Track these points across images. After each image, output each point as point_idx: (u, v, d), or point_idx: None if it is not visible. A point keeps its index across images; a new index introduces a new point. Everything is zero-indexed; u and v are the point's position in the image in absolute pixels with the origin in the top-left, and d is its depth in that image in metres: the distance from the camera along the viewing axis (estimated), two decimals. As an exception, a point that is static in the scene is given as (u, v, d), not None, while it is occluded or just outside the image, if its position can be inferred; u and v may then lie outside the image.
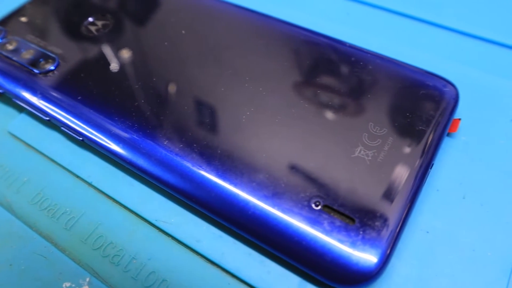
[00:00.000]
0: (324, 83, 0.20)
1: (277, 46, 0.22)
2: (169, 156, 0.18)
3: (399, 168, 0.17)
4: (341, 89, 0.20)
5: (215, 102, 0.20)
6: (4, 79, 0.22)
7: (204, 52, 0.22)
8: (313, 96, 0.19)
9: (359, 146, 0.18)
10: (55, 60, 0.22)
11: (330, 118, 0.19)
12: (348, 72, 0.20)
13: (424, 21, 0.24)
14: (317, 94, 0.19)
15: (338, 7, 0.26)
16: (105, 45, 0.23)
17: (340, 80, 0.20)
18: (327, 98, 0.19)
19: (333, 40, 0.21)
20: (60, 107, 0.20)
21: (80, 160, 0.20)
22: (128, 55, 0.22)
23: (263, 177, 0.17)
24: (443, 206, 0.18)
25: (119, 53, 0.22)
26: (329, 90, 0.20)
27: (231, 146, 0.18)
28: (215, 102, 0.20)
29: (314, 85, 0.20)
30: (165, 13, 0.24)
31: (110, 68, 0.21)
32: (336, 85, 0.20)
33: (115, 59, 0.22)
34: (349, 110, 0.19)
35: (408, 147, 0.17)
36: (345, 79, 0.20)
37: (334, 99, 0.19)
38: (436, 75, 0.20)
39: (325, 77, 0.20)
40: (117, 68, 0.21)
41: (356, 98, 0.19)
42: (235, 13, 0.23)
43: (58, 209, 0.19)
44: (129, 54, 0.22)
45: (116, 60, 0.22)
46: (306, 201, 0.16)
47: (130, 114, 0.19)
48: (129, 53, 0.22)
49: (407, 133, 0.18)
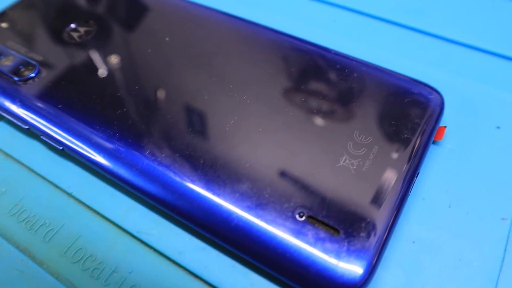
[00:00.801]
0: (309, 91, 0.20)
1: (262, 53, 0.21)
2: (151, 166, 0.18)
3: (385, 177, 0.17)
4: (326, 97, 0.19)
5: (198, 110, 0.19)
6: (-17, 87, 0.21)
7: (188, 60, 0.21)
8: (298, 104, 0.19)
9: (344, 155, 0.17)
10: (35, 67, 0.21)
11: (315, 127, 0.18)
12: (333, 80, 0.20)
13: (410, 28, 0.24)
14: (302, 102, 0.19)
15: (324, 14, 0.26)
16: (87, 52, 0.22)
17: (325, 88, 0.20)
18: (312, 106, 0.19)
19: (319, 47, 0.21)
20: (40, 115, 0.20)
21: (60, 170, 0.20)
22: (110, 63, 0.21)
23: (247, 187, 0.17)
24: (429, 215, 0.17)
25: (101, 61, 0.22)
26: (314, 98, 0.19)
27: (214, 156, 0.18)
28: (198, 110, 0.19)
29: (299, 93, 0.20)
30: (149, 20, 0.23)
31: (92, 76, 0.21)
32: (321, 93, 0.19)
33: (98, 67, 0.21)
34: (334, 118, 0.19)
35: (393, 155, 0.17)
36: (330, 87, 0.20)
37: (319, 107, 0.19)
38: (422, 83, 0.20)
39: (310, 85, 0.20)
40: (99, 76, 0.21)
41: (341, 106, 0.19)
42: (220, 20, 0.23)
43: (37, 220, 0.19)
44: (111, 61, 0.22)
45: (99, 68, 0.21)
46: (290, 212, 0.16)
47: (112, 123, 0.19)
48: (112, 60, 0.22)
49: (392, 142, 0.18)
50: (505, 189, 0.18)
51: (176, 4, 0.24)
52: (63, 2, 0.25)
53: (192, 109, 0.19)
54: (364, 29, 0.25)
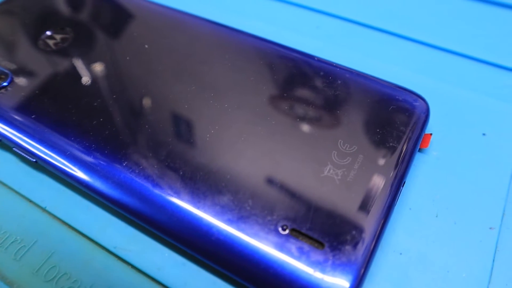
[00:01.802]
0: (292, 99, 0.19)
1: (244, 61, 0.21)
2: (129, 178, 0.17)
3: (370, 187, 0.16)
4: (309, 105, 0.19)
5: (177, 120, 0.19)
6: (-48, 97, 0.20)
7: (168, 68, 0.21)
8: (280, 112, 0.19)
9: (328, 165, 0.17)
10: (7, 76, 0.21)
11: (298, 136, 0.18)
12: (317, 87, 0.19)
13: (394, 34, 0.24)
14: (284, 111, 0.19)
15: (307, 20, 0.26)
16: (63, 60, 0.21)
17: (308, 96, 0.19)
18: (295, 115, 0.19)
19: (302, 54, 0.21)
20: (12, 126, 0.19)
21: (33, 183, 0.19)
22: (87, 72, 0.21)
23: (228, 200, 0.16)
24: (416, 226, 0.17)
25: (78, 69, 0.21)
26: (297, 106, 0.19)
27: (194, 167, 0.17)
28: (177, 120, 0.19)
29: (282, 101, 0.19)
30: (128, 26, 0.23)
31: (68, 85, 0.20)
32: (304, 101, 0.19)
33: (74, 76, 0.20)
34: (318, 127, 0.18)
35: (379, 164, 0.17)
36: (313, 95, 0.19)
37: (302, 115, 0.18)
38: (406, 89, 0.19)
39: (292, 92, 0.19)
40: (75, 85, 0.20)
41: (325, 114, 0.18)
42: (202, 27, 0.23)
43: (8, 237, 0.18)
44: (88, 70, 0.21)
45: (74, 77, 0.20)
46: (273, 225, 0.15)
47: (87, 134, 0.18)
48: (89, 69, 0.21)
49: (377, 150, 0.17)
50: (492, 197, 0.17)
51: (156, 10, 0.23)
52: (39, 9, 0.24)
53: (171, 118, 0.19)
54: (348, 36, 0.24)
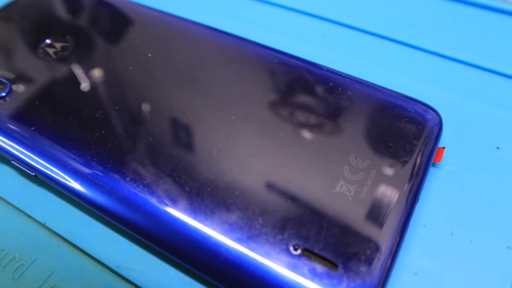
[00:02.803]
0: (301, 111, 0.19)
1: (250, 71, 0.20)
2: (133, 194, 0.16)
3: (384, 205, 0.16)
4: (318, 118, 0.18)
5: (183, 133, 0.18)
6: None
7: (172, 78, 0.20)
8: (289, 125, 0.18)
9: (340, 180, 0.16)
10: (6, 86, 0.20)
11: (308, 150, 0.17)
12: (326, 99, 0.19)
13: (404, 43, 0.23)
14: (293, 124, 0.18)
15: (313, 28, 0.25)
16: (63, 70, 0.21)
17: (318, 108, 0.19)
18: (304, 128, 0.18)
19: (310, 63, 0.20)
20: (11, 138, 0.18)
21: (33, 198, 0.18)
22: (88, 82, 0.20)
23: (236, 217, 0.15)
24: (431, 244, 0.16)
25: (78, 79, 0.20)
26: (306, 118, 0.18)
27: (200, 182, 0.16)
28: (183, 133, 0.18)
29: (290, 113, 0.18)
30: (130, 34, 0.22)
31: (69, 96, 0.19)
32: (313, 113, 0.18)
33: (74, 86, 0.20)
34: (328, 140, 0.17)
35: (392, 180, 0.16)
36: (323, 107, 0.19)
37: (312, 128, 0.18)
38: (418, 101, 0.19)
39: (301, 104, 0.19)
40: (76, 96, 0.19)
41: (336, 127, 0.18)
42: (206, 35, 0.22)
43: (5, 255, 0.17)
44: (89, 80, 0.20)
45: (75, 87, 0.20)
46: (284, 244, 0.15)
47: (89, 147, 0.18)
48: (90, 79, 0.20)
49: (390, 166, 0.17)
50: (509, 214, 0.17)
51: (160, 18, 0.23)
52: (38, 16, 0.24)
53: (176, 131, 0.18)
54: (355, 44, 0.24)
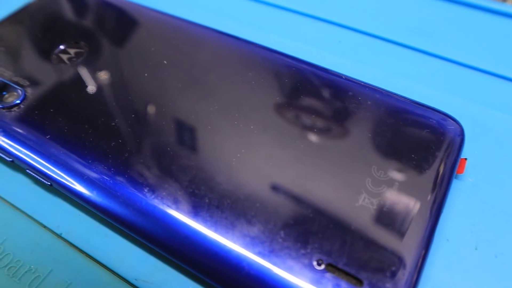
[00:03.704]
0: (321, 121, 0.18)
1: (269, 79, 0.20)
2: (150, 205, 0.16)
3: (409, 218, 0.15)
4: (339, 128, 0.18)
5: (201, 143, 0.18)
6: (-39, 114, 0.19)
7: (189, 86, 0.20)
8: (309, 136, 0.18)
9: (362, 193, 0.16)
10: (21, 93, 0.20)
11: (329, 162, 0.17)
12: (347, 109, 0.19)
13: (422, 51, 0.23)
14: (313, 134, 0.18)
15: (329, 34, 0.25)
16: (78, 76, 0.20)
17: (338, 118, 0.18)
18: (325, 139, 0.18)
19: (329, 72, 0.20)
20: (26, 146, 0.18)
21: (48, 207, 0.18)
22: (104, 88, 0.20)
23: (258, 230, 0.15)
24: (454, 259, 0.16)
25: (94, 86, 0.20)
26: (327, 129, 0.18)
27: (220, 194, 0.16)
28: (201, 143, 0.18)
29: (310, 123, 0.18)
30: (145, 41, 0.22)
31: (84, 103, 0.19)
32: (334, 124, 0.18)
33: (90, 93, 0.20)
34: (350, 152, 0.17)
35: (415, 193, 0.16)
36: (344, 117, 0.18)
37: (332, 139, 0.18)
38: (439, 111, 0.18)
39: (321, 114, 0.18)
40: (91, 103, 0.19)
41: (357, 138, 0.18)
42: (223, 42, 0.22)
43: (21, 266, 0.17)
44: (105, 87, 0.20)
45: (91, 94, 0.20)
46: (307, 259, 0.14)
47: (106, 156, 0.17)
48: (105, 86, 0.20)
49: (413, 178, 0.16)
50: (534, 228, 0.17)
51: (176, 24, 0.22)
52: (51, 21, 0.23)
53: (194, 141, 0.18)
54: (372, 51, 0.24)
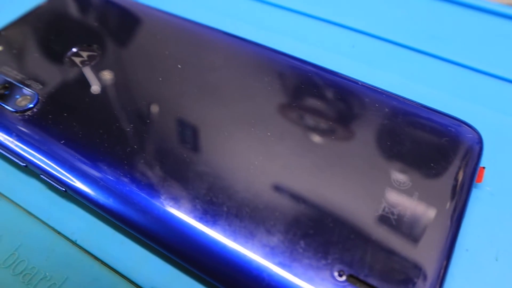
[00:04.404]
0: (338, 128, 0.18)
1: (284, 85, 0.20)
2: (167, 213, 0.16)
3: (429, 228, 0.15)
4: (358, 136, 0.18)
5: (218, 150, 0.17)
6: (-26, 118, 0.19)
7: (204, 91, 0.19)
8: (326, 143, 0.18)
9: (382, 202, 0.16)
10: (34, 97, 0.19)
11: (349, 171, 0.17)
12: (365, 117, 0.18)
13: (436, 56, 0.23)
14: (331, 141, 0.18)
15: (342, 39, 0.24)
16: (91, 79, 0.20)
17: (356, 126, 0.18)
18: (342, 146, 0.17)
19: (346, 78, 0.20)
20: (39, 151, 0.18)
21: (63, 213, 0.18)
22: (119, 92, 0.20)
23: (278, 240, 0.15)
24: (474, 270, 0.16)
25: (108, 90, 0.20)
26: (344, 136, 0.18)
27: (238, 202, 0.16)
28: (218, 150, 0.17)
29: (328, 131, 0.18)
30: (160, 45, 0.22)
31: (99, 108, 0.19)
32: (352, 132, 0.18)
33: (104, 97, 0.19)
34: (369, 160, 0.17)
35: (435, 202, 0.16)
36: (361, 125, 0.18)
37: (351, 147, 0.17)
38: (457, 119, 0.18)
39: (338, 121, 0.18)
40: (106, 108, 0.19)
41: (375, 146, 0.17)
42: (239, 46, 0.21)
43: (36, 273, 0.16)
44: (120, 91, 0.20)
45: (105, 98, 0.19)
46: (328, 269, 0.14)
47: (122, 162, 0.17)
48: (121, 90, 0.20)
49: (433, 187, 0.16)
50: (555, 239, 0.16)
51: (192, 28, 0.22)
52: (63, 23, 0.23)
53: (211, 148, 0.17)
54: (386, 57, 0.23)
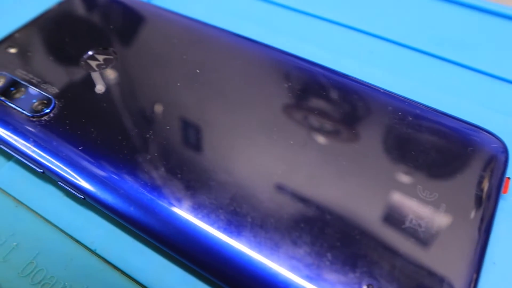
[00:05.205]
0: (362, 137, 0.18)
1: (306, 92, 0.19)
2: (190, 224, 0.15)
3: (458, 241, 0.15)
4: (381, 145, 0.17)
5: (239, 157, 0.17)
6: (-10, 122, 0.19)
7: (224, 97, 0.19)
8: (351, 152, 0.17)
9: (409, 214, 0.15)
10: (50, 101, 0.19)
11: (375, 182, 0.16)
12: (389, 126, 0.18)
13: (458, 64, 0.23)
14: (356, 151, 0.17)
15: (360, 44, 0.24)
16: (108, 83, 0.20)
17: (380, 134, 0.18)
18: (367, 155, 0.17)
19: (369, 85, 0.19)
20: (57, 158, 0.18)
21: (82, 222, 0.18)
22: (138, 97, 0.19)
23: (304, 252, 0.15)
24: (503, 284, 0.16)
25: (125, 94, 0.19)
26: (368, 146, 0.17)
27: (264, 213, 0.16)
28: (239, 157, 0.17)
29: (352, 139, 0.18)
30: (178, 49, 0.21)
31: (117, 113, 0.19)
32: (375, 140, 0.18)
33: (122, 102, 0.19)
34: (395, 171, 0.17)
35: (463, 214, 0.15)
36: (384, 133, 0.18)
37: (377, 158, 0.17)
38: (482, 128, 0.18)
39: (362, 130, 0.18)
40: (125, 113, 0.19)
41: (401, 156, 0.17)
42: (257, 51, 0.21)
43: (55, 283, 0.16)
44: (137, 95, 0.19)
45: (123, 103, 0.19)
46: (357, 284, 0.14)
47: (142, 170, 0.17)
48: (138, 94, 0.19)
49: (460, 198, 0.16)
50: None
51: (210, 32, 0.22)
52: (78, 25, 0.23)
53: (232, 155, 0.17)
54: (405, 63, 0.23)
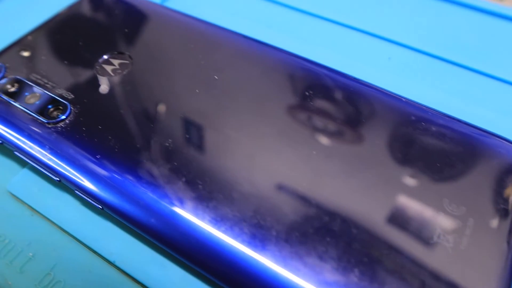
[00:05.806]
0: (387, 150, 0.17)
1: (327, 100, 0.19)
2: (212, 236, 0.15)
3: (488, 257, 0.15)
4: (405, 156, 0.17)
5: (261, 167, 0.17)
6: (4, 128, 0.18)
7: (245, 104, 0.19)
8: (375, 163, 0.17)
9: (436, 229, 0.15)
10: (66, 107, 0.19)
11: (402, 196, 0.16)
12: (412, 137, 0.18)
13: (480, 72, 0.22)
14: (379, 162, 0.17)
15: (377, 50, 0.24)
16: (125, 89, 0.19)
17: (405, 146, 0.17)
18: (391, 167, 0.17)
19: (391, 94, 0.19)
20: (74, 166, 0.17)
21: (99, 232, 0.17)
22: (155, 104, 0.19)
23: (332, 268, 0.14)
24: (531, 300, 0.15)
25: (144, 101, 0.19)
26: (393, 156, 0.17)
27: (289, 227, 0.15)
28: (261, 167, 0.17)
29: (376, 151, 0.17)
30: (196, 54, 0.21)
31: (135, 119, 0.18)
32: (401, 153, 0.17)
33: (139, 108, 0.19)
34: (419, 183, 0.16)
35: (492, 230, 0.15)
36: (408, 144, 0.17)
37: (399, 168, 0.17)
38: (506, 139, 0.18)
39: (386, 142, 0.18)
40: (143, 119, 0.18)
41: (426, 167, 0.17)
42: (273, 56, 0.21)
43: (74, 296, 0.16)
44: (156, 102, 0.19)
45: (141, 109, 0.19)
46: (387, 301, 0.14)
47: (163, 180, 0.16)
48: (157, 100, 0.19)
49: (488, 212, 0.16)
50: None
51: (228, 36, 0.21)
52: (93, 28, 0.22)
53: (254, 165, 0.17)
54: (424, 70, 0.23)
